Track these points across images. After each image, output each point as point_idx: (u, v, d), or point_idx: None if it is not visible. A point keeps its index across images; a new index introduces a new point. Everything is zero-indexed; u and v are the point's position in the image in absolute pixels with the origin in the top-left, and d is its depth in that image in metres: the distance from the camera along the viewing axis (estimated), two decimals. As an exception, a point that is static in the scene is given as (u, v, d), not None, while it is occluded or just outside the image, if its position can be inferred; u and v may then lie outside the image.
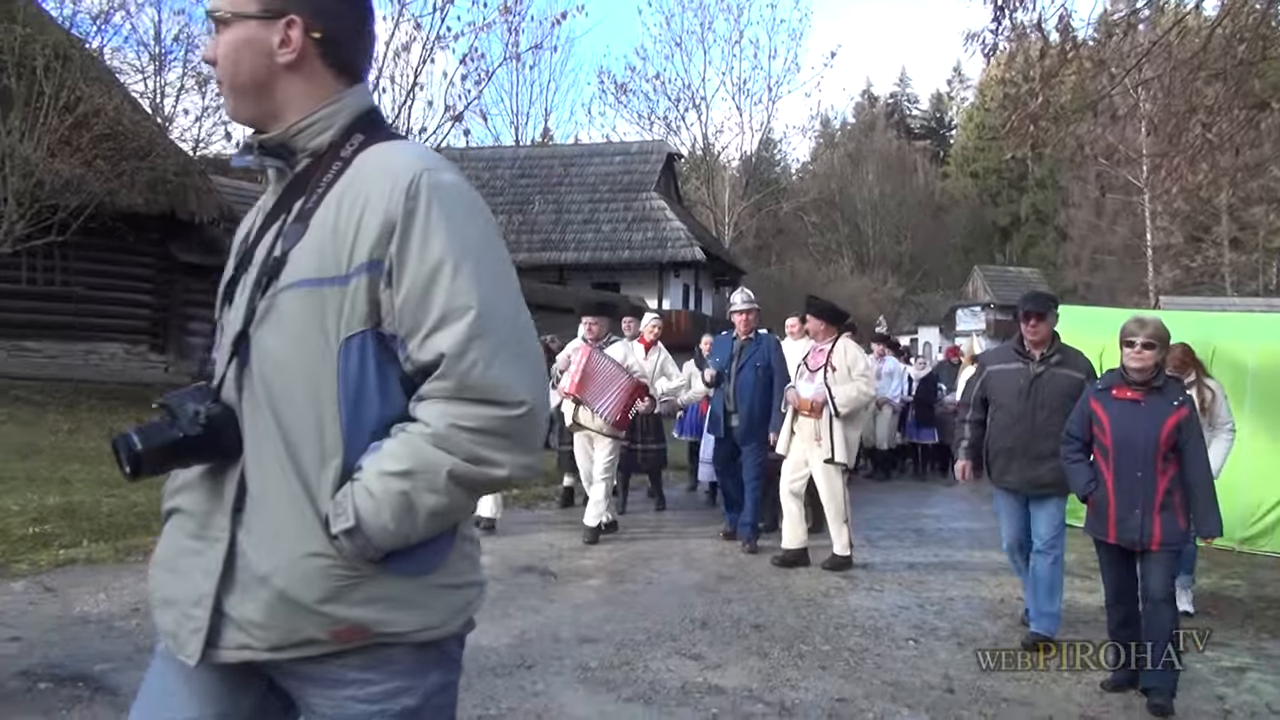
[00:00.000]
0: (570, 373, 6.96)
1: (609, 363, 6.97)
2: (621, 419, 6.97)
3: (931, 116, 69.79)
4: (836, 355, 6.53)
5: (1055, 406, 4.69)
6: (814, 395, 6.43)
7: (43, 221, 12.60)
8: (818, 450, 6.42)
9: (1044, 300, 5.00)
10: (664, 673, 4.11)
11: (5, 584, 4.97)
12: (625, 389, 6.90)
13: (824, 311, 6.82)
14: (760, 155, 39.60)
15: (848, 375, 6.43)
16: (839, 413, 6.34)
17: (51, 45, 13.04)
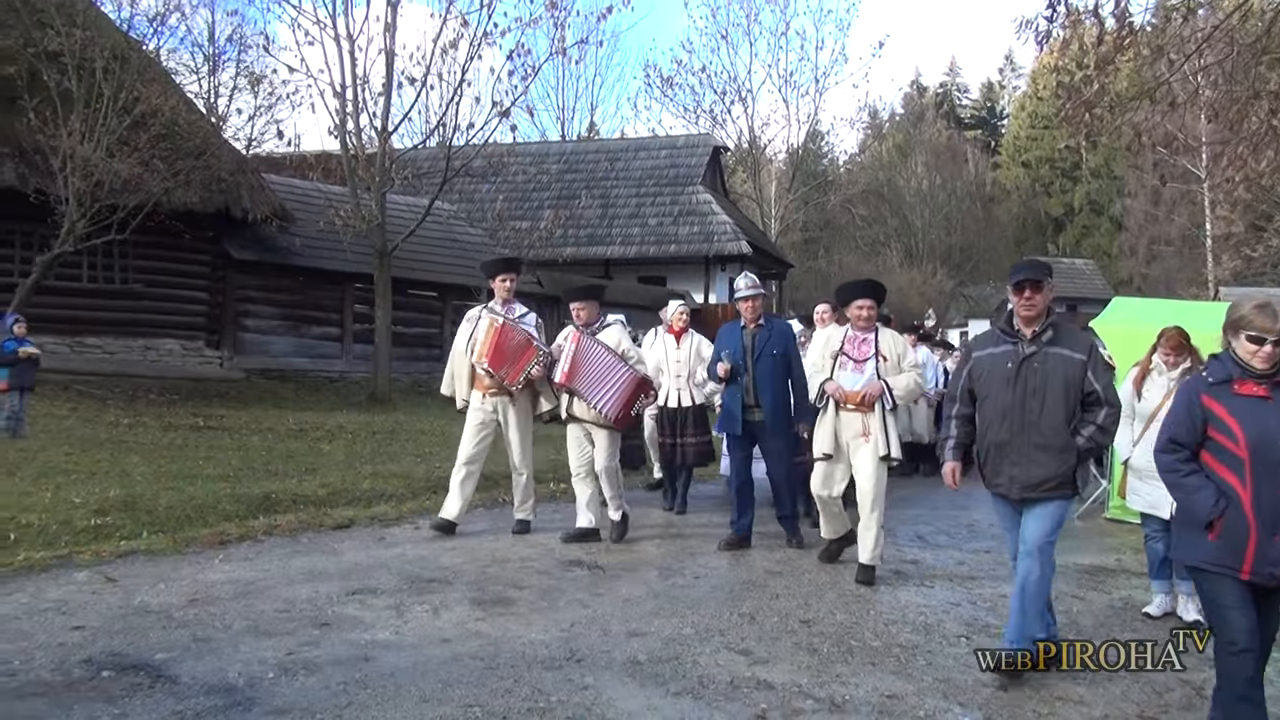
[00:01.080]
0: (560, 362, 6.48)
1: (602, 350, 6.48)
2: (624, 417, 6.53)
3: (982, 106, 68.73)
4: (885, 344, 5.99)
5: (1051, 394, 4.12)
6: (865, 387, 5.86)
7: (102, 221, 12.95)
8: (865, 447, 5.87)
9: (1041, 268, 4.34)
10: (712, 667, 4.10)
11: (69, 574, 5.11)
12: (627, 385, 6.39)
13: (881, 294, 6.18)
14: (807, 147, 39.29)
15: (898, 366, 5.94)
16: (895, 405, 5.92)
17: (110, 47, 13.36)
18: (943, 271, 41.33)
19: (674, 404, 7.99)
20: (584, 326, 6.62)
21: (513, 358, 6.51)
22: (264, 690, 3.54)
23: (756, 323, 6.73)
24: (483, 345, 6.52)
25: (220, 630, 4.23)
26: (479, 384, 6.72)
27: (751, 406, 6.63)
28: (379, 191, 16.27)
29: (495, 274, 6.89)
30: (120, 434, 10.99)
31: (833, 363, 5.98)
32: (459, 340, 6.84)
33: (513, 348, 6.52)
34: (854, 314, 6.02)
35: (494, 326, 6.54)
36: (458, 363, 6.81)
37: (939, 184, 47.28)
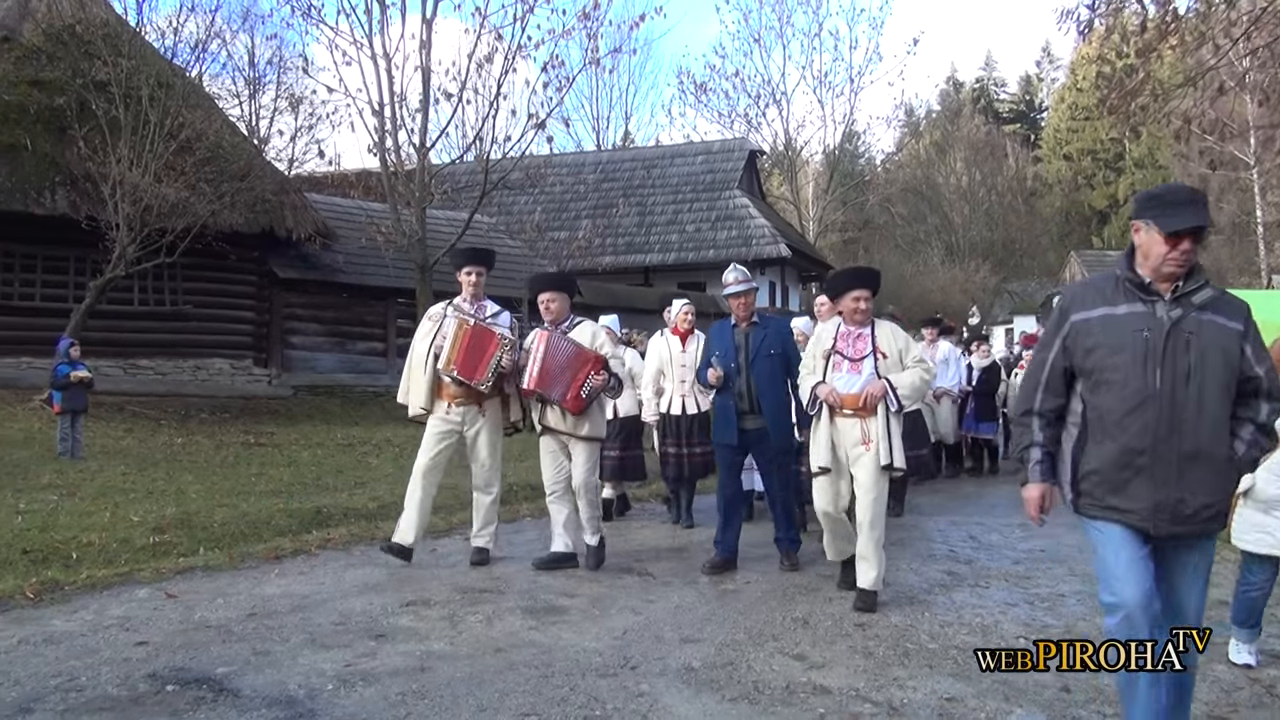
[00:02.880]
0: (528, 366, 5.75)
1: (571, 346, 5.79)
2: (574, 399, 5.67)
3: (1020, 99, 67.85)
4: (884, 339, 5.28)
5: (1211, 380, 2.88)
6: (864, 389, 5.16)
7: (152, 245, 13.23)
8: (866, 456, 5.16)
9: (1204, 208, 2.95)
10: (768, 672, 4.07)
11: (131, 591, 5.21)
12: (576, 364, 5.70)
13: (878, 283, 5.53)
14: (843, 148, 39.05)
15: (899, 363, 5.25)
16: (902, 406, 5.21)
17: (155, 75, 13.66)
18: (985, 268, 40.83)
19: (678, 410, 7.42)
20: (553, 324, 5.96)
21: (477, 356, 5.71)
22: (324, 702, 3.58)
23: (750, 320, 6.08)
24: (450, 352, 5.69)
25: (279, 643, 4.28)
26: (444, 392, 5.88)
27: (747, 413, 5.98)
28: (419, 207, 16.45)
29: (461, 267, 6.07)
30: (174, 453, 11.20)
31: (825, 363, 5.31)
32: (418, 342, 5.96)
33: (477, 346, 5.72)
34: (848, 306, 5.35)
35: (463, 329, 5.71)
36: (416, 367, 5.93)
37: (979, 180, 46.76)
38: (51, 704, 3.47)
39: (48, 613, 4.73)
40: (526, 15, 16.10)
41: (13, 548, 6.03)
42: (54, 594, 5.06)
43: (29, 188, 13.56)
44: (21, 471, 9.06)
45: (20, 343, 13.70)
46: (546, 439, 6.02)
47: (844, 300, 5.37)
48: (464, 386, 5.77)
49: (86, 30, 14.38)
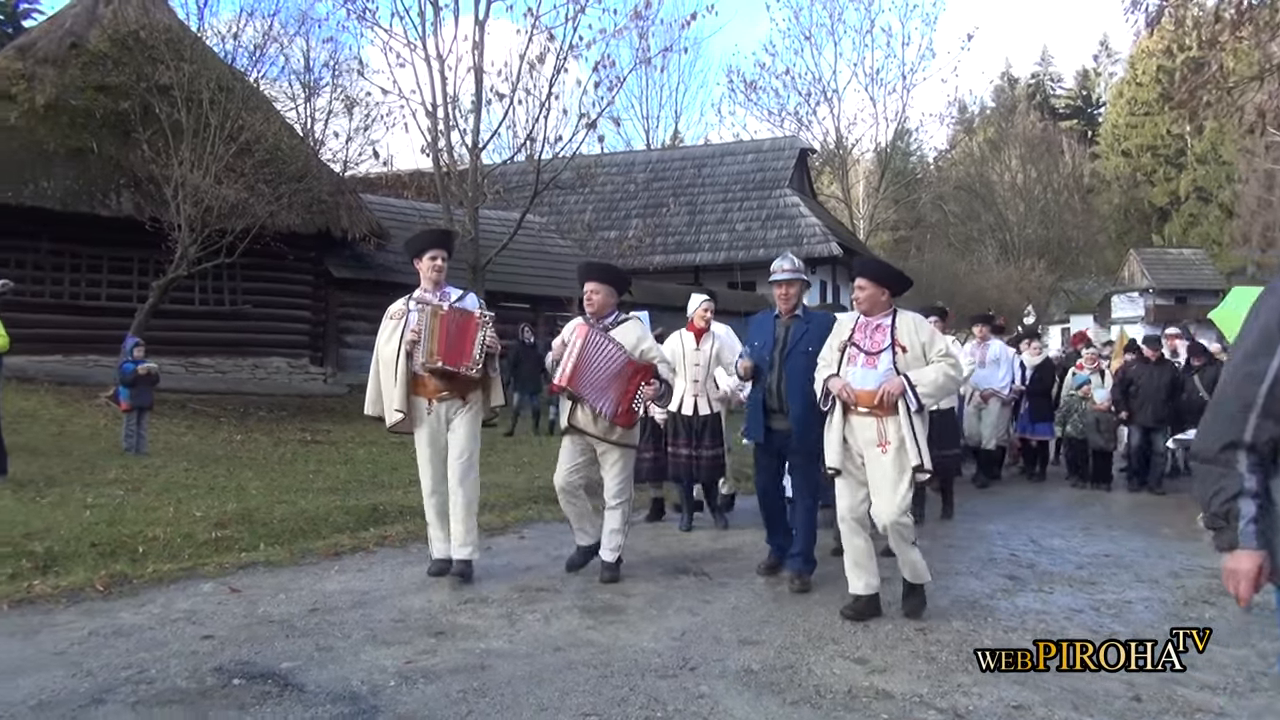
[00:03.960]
0: (563, 361, 5.42)
1: (614, 347, 5.42)
2: (625, 413, 5.39)
3: (1077, 95, 66.62)
4: (903, 331, 4.87)
5: None
6: (879, 385, 4.77)
7: (212, 245, 13.48)
8: (882, 458, 4.77)
9: None
10: (829, 676, 4.02)
11: (196, 585, 5.30)
12: (626, 374, 5.38)
13: (880, 273, 5.09)
14: (895, 145, 38.61)
15: (921, 357, 4.83)
16: (921, 404, 4.76)
17: (215, 79, 13.93)
18: (1041, 266, 40.10)
19: (689, 411, 7.15)
20: (595, 318, 5.57)
21: (459, 340, 5.30)
22: (387, 698, 3.60)
23: (792, 313, 5.62)
24: (429, 343, 5.23)
25: (341, 639, 4.33)
26: (422, 388, 5.39)
27: (776, 412, 5.57)
28: (471, 207, 16.57)
29: (421, 251, 5.55)
30: (234, 450, 11.40)
31: (840, 355, 4.94)
32: (384, 344, 5.43)
33: (458, 330, 5.30)
34: (853, 295, 5.08)
35: (437, 317, 5.25)
36: (385, 371, 5.41)
37: (1034, 177, 45.92)
38: (122, 695, 3.54)
39: (117, 605, 4.83)
40: (578, 15, 16.16)
41: (82, 541, 6.16)
42: (122, 587, 5.17)
43: (95, 190, 13.91)
44: (89, 466, 9.28)
45: (87, 341, 14.05)
46: (574, 438, 5.62)
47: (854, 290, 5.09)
48: (449, 377, 5.32)
49: (150, 36, 14.69)
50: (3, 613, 4.63)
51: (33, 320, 13.37)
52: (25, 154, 13.56)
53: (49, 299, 14.07)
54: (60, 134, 13.95)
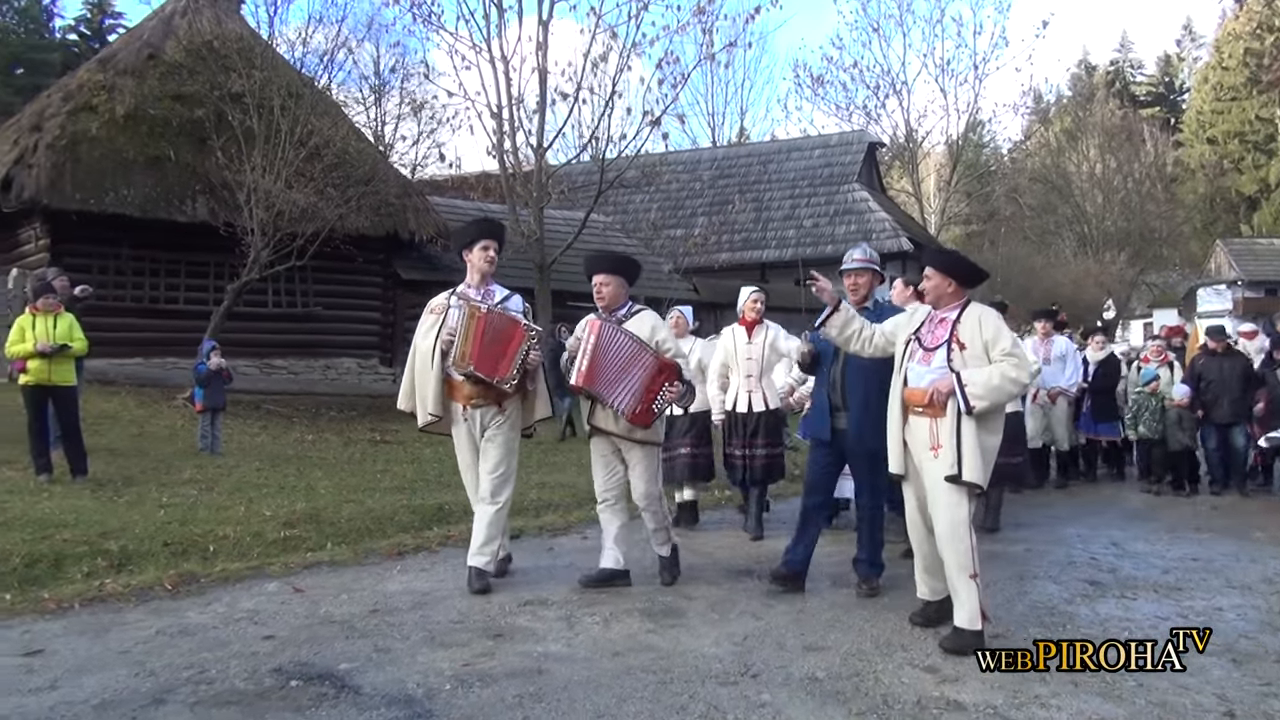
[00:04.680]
0: (578, 359, 5.17)
1: (627, 340, 5.16)
2: (644, 413, 5.09)
3: (1159, 81, 64.42)
4: (966, 327, 4.49)
5: None
6: (931, 384, 4.45)
7: (283, 249, 13.73)
8: (933, 464, 4.43)
9: None
10: (897, 685, 3.87)
11: (261, 584, 5.36)
12: (647, 369, 5.09)
13: (947, 263, 4.73)
14: (967, 137, 37.75)
15: (983, 355, 4.44)
16: (971, 408, 4.33)
17: (285, 85, 14.19)
18: (1121, 259, 38.85)
19: (743, 408, 6.87)
20: (606, 311, 5.34)
21: (499, 349, 5.01)
22: (441, 702, 3.56)
23: (861, 304, 5.36)
24: (463, 345, 4.96)
25: (399, 640, 4.31)
26: (455, 392, 5.15)
27: (839, 408, 5.30)
28: (536, 207, 16.60)
29: (471, 243, 5.32)
30: (305, 450, 11.58)
31: (905, 349, 4.66)
32: (421, 338, 5.22)
33: (498, 337, 5.02)
34: (920, 285, 4.84)
35: (474, 318, 4.98)
36: (421, 368, 5.19)
37: (1114, 167, 44.51)
38: (182, 696, 3.56)
39: (184, 604, 4.90)
40: (641, 12, 16.05)
41: (155, 540, 6.29)
42: (191, 586, 5.24)
43: (172, 197, 14.28)
44: (165, 466, 9.50)
45: (166, 344, 14.42)
46: (597, 441, 5.42)
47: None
48: (481, 384, 5.06)
49: (223, 45, 15.04)
50: (75, 611, 4.72)
51: (114, 324, 13.81)
52: (107, 163, 13.98)
53: (130, 303, 14.48)
54: (139, 143, 14.35)
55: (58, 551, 5.89)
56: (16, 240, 14.89)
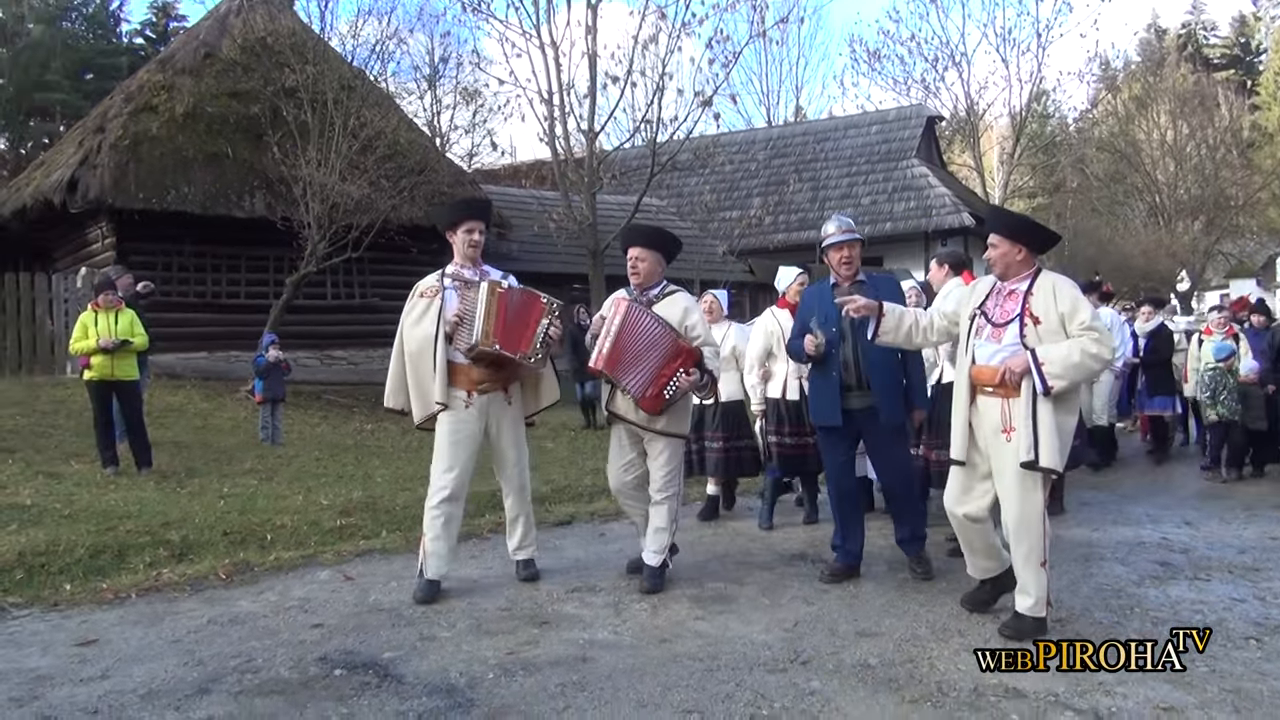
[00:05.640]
0: (600, 339, 4.85)
1: (654, 323, 4.81)
2: (654, 398, 4.74)
3: (1234, 43, 62.03)
4: (1039, 299, 4.14)
5: None
6: (1004, 361, 4.13)
7: (339, 241, 13.87)
8: (1006, 448, 4.13)
9: None
10: (952, 672, 3.73)
11: (314, 573, 5.39)
12: (661, 353, 4.75)
13: (1015, 227, 4.34)
14: (1031, 108, 36.73)
15: (1059, 330, 4.09)
16: (1049, 388, 4.00)
17: (338, 78, 14.31)
18: (1195, 228, 37.52)
19: (795, 395, 6.45)
20: (639, 289, 5.03)
21: (520, 324, 4.76)
22: (484, 691, 3.52)
23: (853, 279, 5.13)
24: (486, 323, 4.66)
25: (445, 629, 4.29)
26: (459, 378, 4.81)
27: (853, 389, 5.07)
28: (589, 192, 16.56)
29: (454, 223, 5.00)
30: (364, 439, 11.71)
31: (970, 325, 4.34)
32: (415, 327, 4.85)
33: (519, 312, 4.78)
34: (986, 255, 4.44)
35: (495, 294, 4.72)
36: (418, 357, 4.81)
37: (1186, 133, 42.95)
38: (228, 685, 3.58)
39: (237, 593, 4.94)
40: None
41: (215, 529, 6.38)
42: (244, 575, 5.30)
43: (230, 193, 14.50)
44: (227, 457, 9.67)
45: (228, 338, 14.70)
46: (618, 429, 5.12)
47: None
48: (497, 366, 4.81)
49: (276, 41, 15.21)
50: (131, 601, 4.79)
51: (179, 319, 14.11)
52: (167, 161, 14.25)
53: (193, 299, 14.77)
54: (198, 140, 14.60)
55: (121, 542, 6.00)
56: (85, 240, 15.28)
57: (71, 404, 10.99)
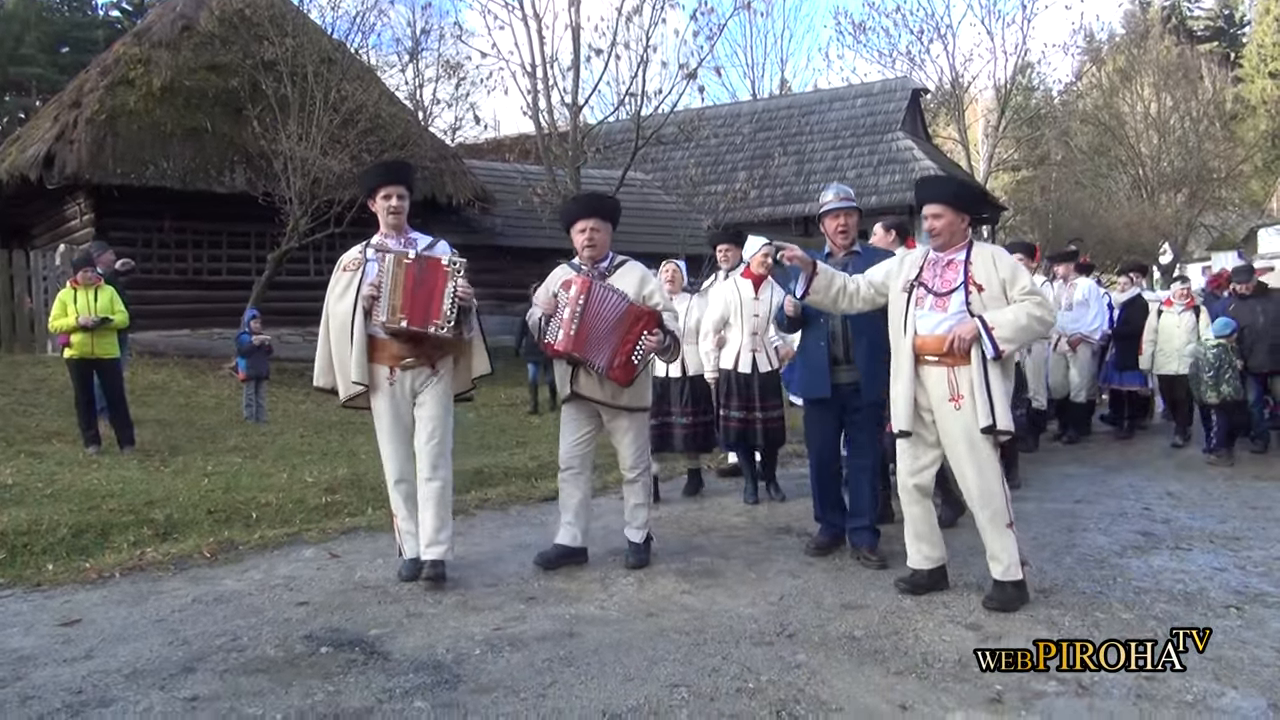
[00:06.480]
0: (560, 319, 4.63)
1: (619, 299, 4.66)
2: (622, 366, 4.59)
3: (1218, 15, 62.01)
4: (980, 267, 4.18)
5: None
6: (951, 330, 4.14)
7: (322, 216, 13.74)
8: (956, 416, 4.16)
9: None
10: (938, 643, 3.76)
11: (299, 550, 5.37)
12: (623, 320, 4.61)
13: (960, 195, 4.39)
14: (1015, 81, 36.67)
15: (1001, 296, 4.15)
16: (1000, 351, 4.07)
17: (318, 51, 14.13)
18: (1178, 201, 37.65)
19: (746, 368, 6.38)
20: (591, 263, 4.83)
21: (426, 294, 4.42)
22: (470, 667, 3.52)
23: (848, 249, 5.04)
24: (393, 298, 4.39)
25: (431, 605, 4.28)
26: (380, 354, 4.54)
27: (841, 362, 4.97)
28: (573, 166, 16.45)
29: (372, 190, 4.76)
30: (348, 415, 11.54)
31: (907, 297, 4.30)
32: (338, 304, 4.57)
33: (423, 281, 4.43)
34: (927, 226, 4.35)
35: (401, 266, 4.41)
36: (339, 333, 4.55)
37: (1170, 106, 42.99)
38: (213, 664, 3.56)
39: (221, 572, 4.92)
40: (674, -38, 15.71)
41: (199, 508, 6.36)
42: (229, 553, 5.27)
43: (210, 168, 14.34)
44: (211, 435, 9.61)
45: (212, 315, 14.57)
46: (571, 406, 4.92)
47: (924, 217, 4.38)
48: (415, 340, 4.49)
49: (255, 13, 14.99)
50: (115, 580, 4.76)
51: (161, 297, 13.99)
52: (145, 136, 14.06)
53: (174, 275, 14.64)
54: (176, 115, 14.39)
55: (104, 521, 5.97)
56: (63, 216, 15.10)
57: (52, 382, 10.90)
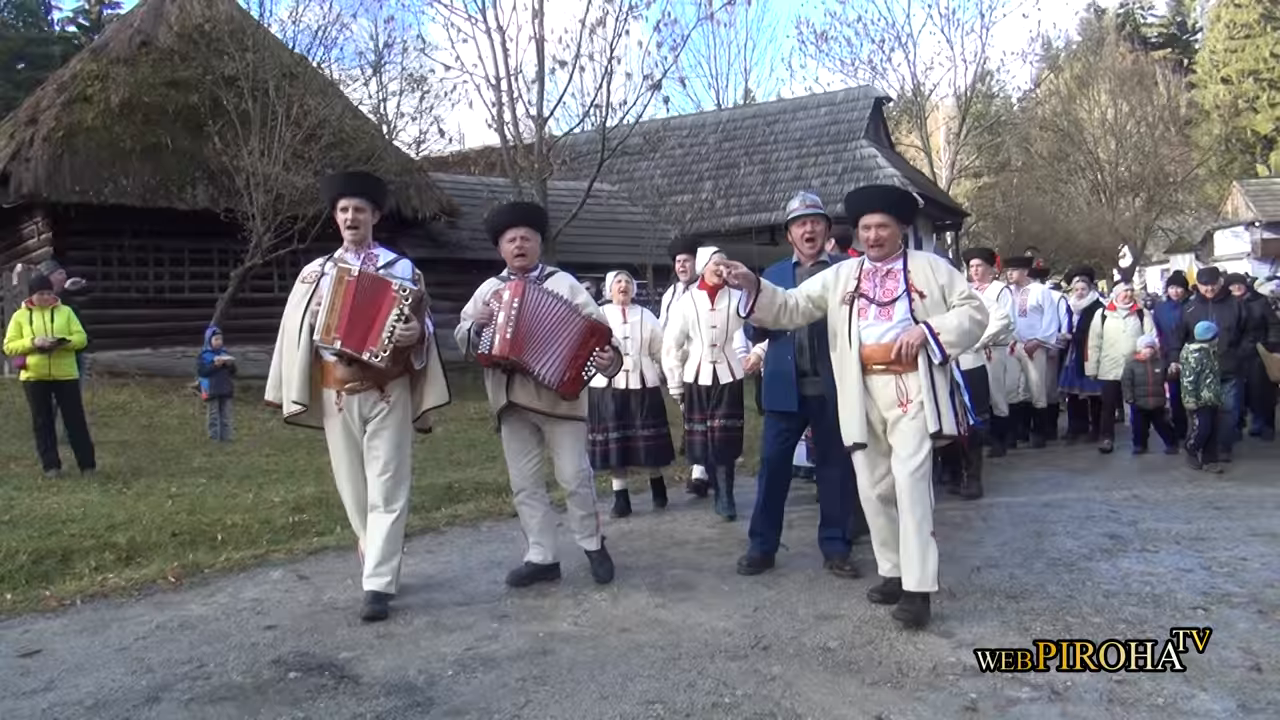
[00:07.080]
0: (495, 325, 4.47)
1: (554, 301, 4.55)
2: (572, 381, 4.52)
3: (1171, 22, 63.23)
4: (919, 275, 4.25)
5: None
6: (896, 338, 4.14)
7: (285, 232, 13.61)
8: (905, 422, 4.14)
9: None
10: (911, 652, 3.76)
11: (266, 572, 5.28)
12: (576, 333, 4.51)
13: (900, 203, 4.44)
14: (975, 88, 37.16)
15: (941, 303, 4.22)
16: (946, 356, 4.13)
17: (279, 66, 14.02)
18: (1136, 205, 38.27)
19: (707, 380, 6.31)
20: (522, 272, 4.68)
21: (367, 318, 4.14)
22: (442, 689, 3.47)
23: (816, 258, 4.99)
24: (328, 316, 4.13)
25: (402, 626, 4.23)
26: (328, 376, 4.33)
27: (808, 374, 4.91)
28: (539, 179, 16.44)
29: (333, 200, 4.54)
30: (315, 434, 11.40)
31: (848, 309, 4.28)
32: (290, 312, 4.38)
33: (366, 302, 4.15)
34: (863, 236, 4.36)
35: (343, 283, 4.15)
36: (288, 348, 4.33)
37: (1126, 111, 43.73)
38: (178, 693, 3.48)
39: (186, 596, 4.82)
40: (636, -27, 15.77)
41: (163, 531, 6.25)
42: (194, 577, 5.17)
43: (171, 185, 14.14)
44: (175, 456, 9.47)
45: (174, 334, 14.37)
46: (511, 424, 4.75)
47: (860, 228, 4.35)
48: (357, 364, 4.21)
49: (215, 28, 14.87)
50: (76, 608, 4.65)
51: (121, 315, 13.78)
52: (104, 153, 13.86)
53: (135, 294, 14.41)
54: (135, 131, 14.20)
55: (65, 547, 5.85)
56: (20, 236, 14.84)
57: (9, 405, 10.69)
